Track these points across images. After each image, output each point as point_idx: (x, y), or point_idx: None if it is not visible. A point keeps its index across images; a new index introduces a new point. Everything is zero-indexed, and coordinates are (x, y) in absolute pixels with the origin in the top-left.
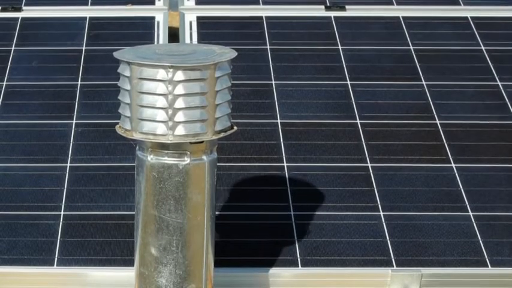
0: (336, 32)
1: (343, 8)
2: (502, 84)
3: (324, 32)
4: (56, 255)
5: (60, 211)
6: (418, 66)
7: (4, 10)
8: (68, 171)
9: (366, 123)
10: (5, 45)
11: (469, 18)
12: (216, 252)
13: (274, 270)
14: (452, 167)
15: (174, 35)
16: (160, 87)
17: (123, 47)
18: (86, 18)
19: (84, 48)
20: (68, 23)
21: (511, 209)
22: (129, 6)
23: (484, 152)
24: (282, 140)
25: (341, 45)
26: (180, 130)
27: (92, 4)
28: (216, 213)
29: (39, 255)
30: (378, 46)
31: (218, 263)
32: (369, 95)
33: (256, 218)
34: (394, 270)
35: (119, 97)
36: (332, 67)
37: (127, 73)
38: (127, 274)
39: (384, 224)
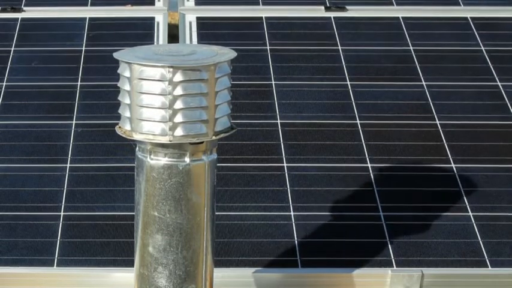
0: (336, 33)
1: (343, 9)
2: (501, 85)
3: (324, 32)
4: (56, 256)
5: (60, 212)
6: (418, 66)
7: (4, 11)
8: (67, 171)
9: (366, 124)
10: (5, 46)
11: (469, 18)
12: (216, 252)
13: (274, 271)
14: (452, 167)
15: (173, 36)
16: (160, 88)
17: (123, 47)
18: (85, 18)
19: (83, 48)
20: (67, 24)
21: (511, 210)
22: (128, 7)
23: (484, 152)
24: (282, 140)
25: (341, 46)
26: (180, 131)
27: (91, 5)
28: (216, 213)
29: (39, 256)
30: (377, 46)
31: (218, 264)
32: (368, 95)
33: (256, 218)
34: (394, 271)
35: (119, 98)
36: (332, 67)
37: (127, 74)
38: (127, 275)
39: (384, 224)
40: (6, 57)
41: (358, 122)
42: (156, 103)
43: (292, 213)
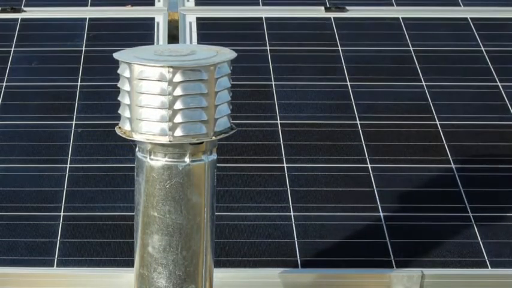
0: (336, 33)
1: (342, 9)
2: (501, 85)
3: (324, 33)
4: (56, 256)
5: (60, 212)
6: (418, 67)
7: (4, 11)
8: (67, 172)
9: (366, 124)
10: (5, 46)
11: (469, 19)
12: (216, 252)
13: (274, 271)
14: (452, 167)
15: (173, 36)
16: (160, 88)
17: (123, 47)
18: (85, 19)
19: (84, 49)
20: (67, 24)
21: (511, 210)
22: (128, 7)
23: (483, 153)
24: (282, 141)
25: (341, 46)
26: (179, 131)
27: (91, 5)
28: (216, 213)
29: (39, 256)
30: (377, 47)
31: (218, 264)
32: (368, 95)
33: (256, 218)
34: (394, 271)
35: (119, 98)
36: (332, 68)
37: (127, 74)
38: (127, 275)
39: (384, 224)
40: (6, 57)
41: (358, 122)
42: (155, 103)
43: (292, 213)
